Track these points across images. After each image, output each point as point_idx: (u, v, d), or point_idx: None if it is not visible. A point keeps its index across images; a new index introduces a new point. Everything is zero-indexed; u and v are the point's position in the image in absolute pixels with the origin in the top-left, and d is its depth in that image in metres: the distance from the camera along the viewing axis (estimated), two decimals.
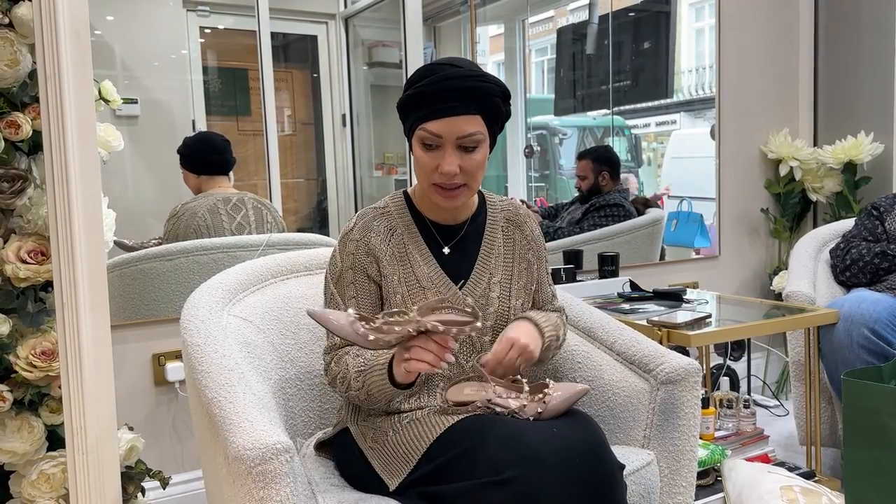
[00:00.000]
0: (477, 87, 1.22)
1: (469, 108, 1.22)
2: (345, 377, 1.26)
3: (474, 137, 1.24)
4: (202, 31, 2.12)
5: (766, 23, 2.98)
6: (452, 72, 1.23)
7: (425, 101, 1.22)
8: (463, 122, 1.22)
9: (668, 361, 1.40)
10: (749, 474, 1.84)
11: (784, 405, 2.83)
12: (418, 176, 1.30)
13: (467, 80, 1.22)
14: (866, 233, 2.26)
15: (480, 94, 1.23)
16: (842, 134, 2.87)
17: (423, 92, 1.22)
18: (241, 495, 1.06)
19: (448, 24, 2.60)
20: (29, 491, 1.34)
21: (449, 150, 1.23)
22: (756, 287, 3.06)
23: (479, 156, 1.26)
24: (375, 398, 1.23)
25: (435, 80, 1.22)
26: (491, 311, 1.34)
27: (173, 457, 2.03)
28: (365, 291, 1.32)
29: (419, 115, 1.24)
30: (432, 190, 1.28)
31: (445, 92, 1.21)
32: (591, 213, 2.68)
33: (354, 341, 1.12)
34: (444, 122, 1.22)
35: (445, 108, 1.21)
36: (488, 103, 1.24)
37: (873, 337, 1.95)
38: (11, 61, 1.30)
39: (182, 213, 2.04)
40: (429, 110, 1.22)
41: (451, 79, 1.22)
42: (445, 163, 1.23)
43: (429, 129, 1.23)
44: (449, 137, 1.23)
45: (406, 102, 1.26)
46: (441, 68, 1.24)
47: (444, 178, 1.24)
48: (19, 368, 1.32)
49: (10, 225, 1.37)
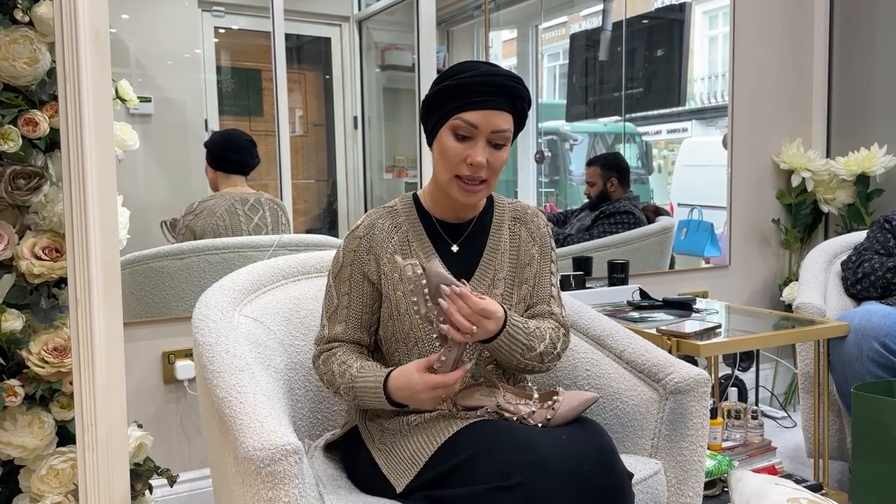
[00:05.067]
0: (514, 88, 1.27)
1: (505, 105, 1.26)
2: (332, 374, 1.31)
3: (505, 134, 1.27)
4: (216, 31, 2.13)
5: (780, 32, 2.97)
6: (493, 69, 1.28)
7: (466, 91, 1.25)
8: (499, 118, 1.26)
9: (677, 371, 1.40)
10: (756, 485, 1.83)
11: (792, 417, 2.82)
12: (440, 168, 1.31)
13: (506, 79, 1.26)
14: (878, 246, 2.24)
15: (516, 94, 1.27)
16: (855, 145, 2.86)
17: (464, 83, 1.25)
18: (250, 495, 1.06)
19: (461, 29, 2.60)
20: (38, 486, 1.35)
21: (481, 143, 1.26)
22: (766, 297, 3.04)
23: (504, 154, 1.29)
24: (362, 400, 1.27)
25: (478, 74, 1.25)
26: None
27: (181, 455, 2.03)
28: (359, 290, 1.34)
29: (456, 105, 1.25)
30: (453, 183, 1.29)
31: (487, 86, 1.24)
32: (601, 221, 2.68)
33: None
34: (482, 114, 1.25)
35: (485, 100, 1.24)
36: (519, 105, 1.29)
37: (883, 351, 1.94)
38: (31, 59, 1.31)
39: (200, 211, 2.05)
40: (468, 101, 1.25)
41: (493, 75, 1.25)
42: (476, 154, 1.25)
43: (466, 119, 1.25)
44: (484, 130, 1.25)
45: (442, 93, 1.27)
46: (480, 64, 1.29)
47: (472, 169, 1.26)
48: (31, 364, 1.33)
49: (25, 221, 1.38)
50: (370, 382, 1.24)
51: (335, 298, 1.35)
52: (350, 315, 1.34)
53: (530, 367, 1.31)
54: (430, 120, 1.31)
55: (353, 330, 1.35)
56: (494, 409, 1.25)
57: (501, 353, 1.27)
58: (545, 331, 1.33)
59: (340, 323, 1.34)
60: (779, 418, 2.82)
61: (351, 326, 1.34)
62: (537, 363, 1.32)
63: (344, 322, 1.34)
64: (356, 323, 1.35)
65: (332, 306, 1.36)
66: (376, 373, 1.26)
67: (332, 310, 1.36)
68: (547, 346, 1.32)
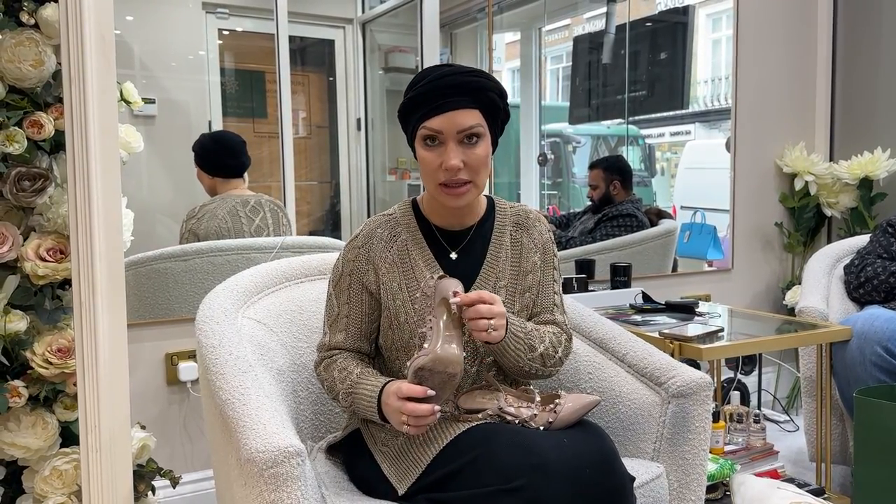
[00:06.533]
0: (472, 82, 1.25)
1: (467, 102, 1.24)
2: (333, 380, 1.32)
3: (474, 130, 1.25)
4: (220, 32, 2.14)
5: (783, 36, 2.97)
6: (447, 69, 1.27)
7: (424, 100, 1.24)
8: (462, 116, 1.24)
9: (679, 375, 1.40)
10: (758, 489, 1.83)
11: (794, 421, 2.81)
12: (425, 180, 1.31)
13: (463, 76, 1.25)
14: (881, 250, 2.24)
15: (476, 87, 1.25)
16: (858, 149, 2.86)
17: (421, 92, 1.25)
18: (252, 497, 1.06)
19: (464, 31, 2.60)
20: (41, 486, 1.36)
21: (451, 146, 1.24)
22: (769, 301, 3.04)
23: (480, 150, 1.26)
24: (359, 407, 1.28)
25: (432, 79, 1.24)
26: None
27: (184, 456, 2.04)
28: (357, 299, 1.35)
29: (419, 115, 1.25)
30: (439, 191, 1.28)
31: (442, 88, 1.23)
32: (604, 223, 2.68)
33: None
34: (443, 118, 1.24)
35: (443, 103, 1.23)
36: (485, 98, 1.26)
37: (886, 355, 1.94)
38: (36, 62, 1.31)
39: (202, 215, 2.05)
40: (428, 108, 1.24)
41: (447, 76, 1.24)
42: (448, 157, 1.24)
43: (429, 126, 1.24)
44: (449, 132, 1.24)
45: (406, 107, 1.28)
46: (436, 68, 1.28)
47: (449, 174, 1.25)
48: (35, 365, 1.33)
49: (30, 223, 1.38)
50: (367, 390, 1.26)
51: (335, 307, 1.36)
52: (350, 324, 1.35)
53: (533, 370, 1.31)
54: (407, 136, 1.32)
55: (353, 339, 1.35)
56: (496, 412, 1.25)
57: (506, 353, 1.28)
58: (545, 333, 1.34)
59: (341, 331, 1.35)
60: (781, 422, 2.82)
61: (351, 335, 1.35)
62: (539, 366, 1.32)
63: (344, 331, 1.35)
64: (356, 332, 1.35)
65: (332, 314, 1.37)
66: (374, 382, 1.26)
67: (332, 318, 1.36)
68: (547, 347, 1.32)
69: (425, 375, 1.16)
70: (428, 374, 1.16)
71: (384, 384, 1.24)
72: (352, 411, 1.33)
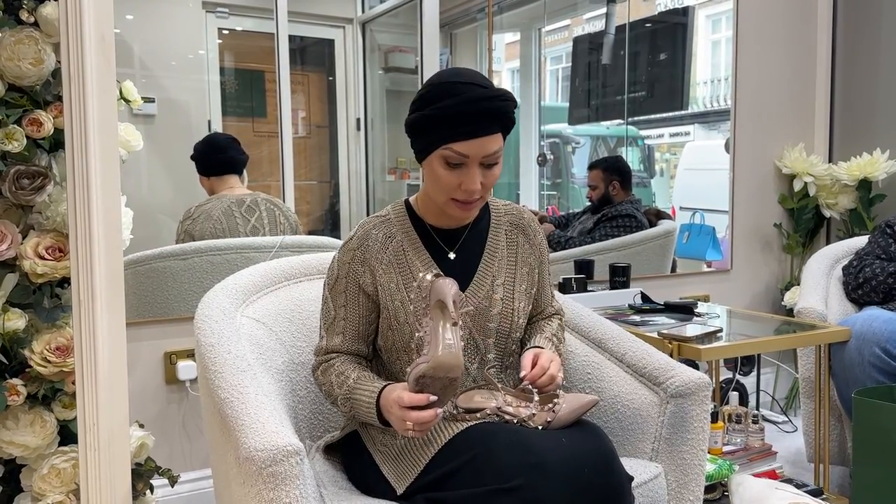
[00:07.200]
0: (501, 108, 1.22)
1: (494, 128, 1.22)
2: (331, 385, 1.32)
3: (497, 155, 1.25)
4: (220, 32, 2.14)
5: (783, 37, 2.97)
6: (477, 93, 1.21)
7: (451, 122, 1.20)
8: (490, 142, 1.22)
9: (678, 375, 1.40)
10: (757, 490, 1.83)
11: (793, 421, 2.81)
12: (434, 191, 1.29)
13: (493, 102, 1.21)
14: (880, 251, 2.24)
15: (503, 113, 1.23)
16: (857, 150, 2.86)
17: (448, 114, 1.20)
18: (251, 496, 1.06)
19: (464, 31, 2.60)
20: (39, 485, 1.36)
21: (474, 170, 1.23)
22: (768, 302, 3.04)
23: (497, 171, 1.27)
24: (357, 411, 1.28)
25: (461, 102, 1.19)
26: (494, 312, 1.34)
27: (182, 455, 2.04)
28: (354, 302, 1.34)
29: (442, 136, 1.21)
30: (449, 204, 1.28)
31: (472, 115, 1.20)
32: (603, 224, 2.68)
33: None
34: (471, 144, 1.21)
35: (474, 129, 1.20)
36: (507, 120, 1.26)
37: (885, 356, 1.94)
38: (35, 60, 1.31)
39: (197, 216, 2.05)
40: (455, 132, 1.21)
41: (478, 101, 1.20)
42: (470, 181, 1.23)
43: (456, 150, 1.21)
44: (475, 157, 1.22)
45: (426, 122, 1.22)
46: (462, 88, 1.21)
47: (466, 194, 1.25)
48: (34, 363, 1.33)
49: (29, 221, 1.38)
50: (365, 396, 1.25)
51: (332, 310, 1.35)
52: (347, 327, 1.35)
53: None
54: (415, 143, 1.28)
55: (351, 341, 1.35)
56: (495, 412, 1.25)
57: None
58: (556, 330, 1.45)
59: (339, 334, 1.35)
60: (780, 423, 2.82)
61: (349, 338, 1.35)
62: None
63: (342, 334, 1.35)
64: (354, 334, 1.35)
65: (329, 318, 1.36)
66: (370, 387, 1.26)
67: (329, 321, 1.36)
68: (560, 339, 1.45)
69: (427, 382, 1.16)
70: (430, 381, 1.16)
71: (381, 389, 1.24)
72: (351, 416, 1.33)
